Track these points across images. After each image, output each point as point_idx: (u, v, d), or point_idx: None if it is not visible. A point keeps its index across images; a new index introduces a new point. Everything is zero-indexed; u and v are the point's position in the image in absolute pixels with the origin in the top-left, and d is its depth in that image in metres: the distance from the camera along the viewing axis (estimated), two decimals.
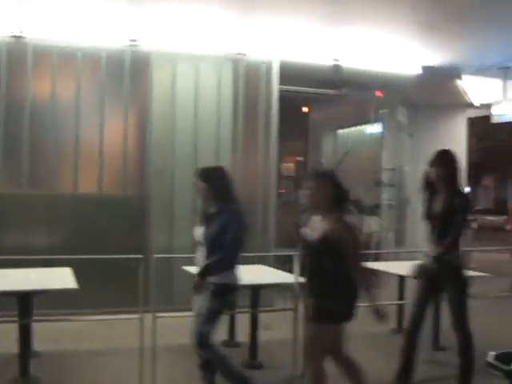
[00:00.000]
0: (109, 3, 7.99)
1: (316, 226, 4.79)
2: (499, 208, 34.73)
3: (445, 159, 5.93)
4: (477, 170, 31.96)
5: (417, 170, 12.63)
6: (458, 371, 5.78)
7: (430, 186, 5.97)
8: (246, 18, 8.69)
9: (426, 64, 10.97)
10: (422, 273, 5.91)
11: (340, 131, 15.70)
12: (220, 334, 7.49)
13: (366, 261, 5.17)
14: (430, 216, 5.93)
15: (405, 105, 12.90)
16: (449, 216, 5.70)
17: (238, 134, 9.95)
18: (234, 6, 8.21)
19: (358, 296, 4.76)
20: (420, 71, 11.05)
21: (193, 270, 7.13)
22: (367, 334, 7.67)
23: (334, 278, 4.70)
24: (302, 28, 9.11)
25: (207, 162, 9.60)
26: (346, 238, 4.65)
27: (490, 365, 4.18)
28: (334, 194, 4.75)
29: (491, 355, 4.24)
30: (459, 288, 5.78)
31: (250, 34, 9.44)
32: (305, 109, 15.61)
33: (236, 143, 9.92)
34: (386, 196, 12.80)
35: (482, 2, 8.08)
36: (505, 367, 4.05)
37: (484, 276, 7.27)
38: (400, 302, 8.53)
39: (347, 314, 4.75)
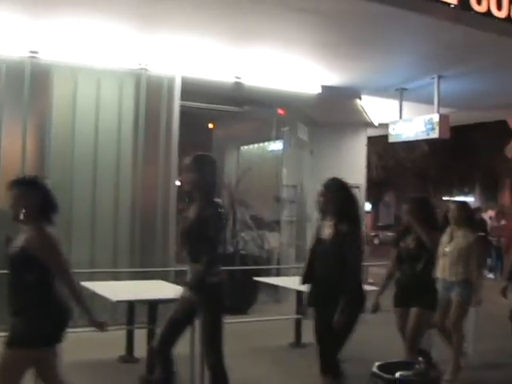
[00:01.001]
0: (8, 15, 7.85)
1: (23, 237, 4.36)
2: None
3: (199, 164, 5.14)
4: (378, 187, 32.72)
5: (317, 186, 12.89)
6: None
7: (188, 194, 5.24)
8: (148, 32, 8.69)
9: (327, 84, 11.20)
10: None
11: (243, 148, 15.83)
12: (119, 349, 7.49)
13: None
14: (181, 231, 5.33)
15: (306, 123, 13.10)
16: (200, 230, 4.96)
17: (139, 148, 9.88)
18: (136, 21, 8.19)
19: (66, 315, 4.33)
20: (320, 90, 11.26)
21: (90, 285, 7.09)
22: (267, 349, 7.76)
23: (34, 295, 4.22)
24: (205, 45, 9.17)
25: (107, 176, 9.55)
26: (44, 250, 4.24)
27: (374, 374, 4.30)
28: (38, 203, 4.38)
29: (375, 365, 4.37)
30: (212, 310, 5.10)
31: (152, 49, 9.44)
32: (210, 125, 15.66)
33: (136, 158, 9.85)
34: (286, 212, 12.96)
35: (381, 27, 8.34)
36: (386, 376, 4.18)
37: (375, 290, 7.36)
38: (298, 317, 8.64)
39: (52, 336, 4.26)
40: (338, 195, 5.47)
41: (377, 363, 4.40)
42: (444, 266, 7.00)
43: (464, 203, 7.78)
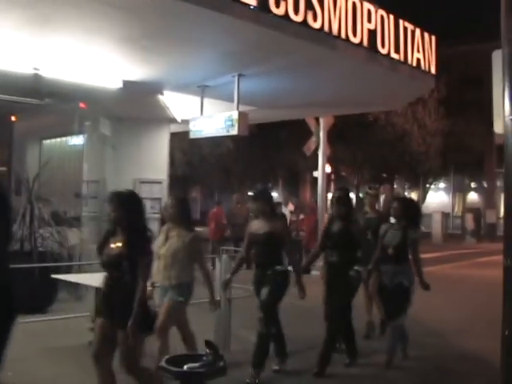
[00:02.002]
0: None
1: None
2: (205, 219, 35.97)
3: None
4: (183, 182, 32.94)
5: (120, 181, 12.79)
6: None
7: None
8: None
9: (129, 78, 11.11)
10: None
11: (45, 142, 15.41)
12: None
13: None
14: None
15: (108, 117, 12.95)
16: None
17: None
18: None
19: None
20: (122, 85, 11.16)
21: None
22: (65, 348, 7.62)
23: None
24: (1, 35, 8.79)
25: None
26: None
27: (162, 368, 4.35)
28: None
29: (163, 359, 4.42)
30: None
31: None
32: (12, 118, 15.09)
33: None
34: (87, 208, 12.77)
35: (181, 23, 8.38)
36: (174, 369, 4.24)
37: None
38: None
39: None
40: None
41: (165, 357, 4.44)
42: (158, 268, 6.74)
43: (182, 198, 7.46)
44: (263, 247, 7.31)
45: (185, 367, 4.19)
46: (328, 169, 20.76)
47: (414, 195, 42.43)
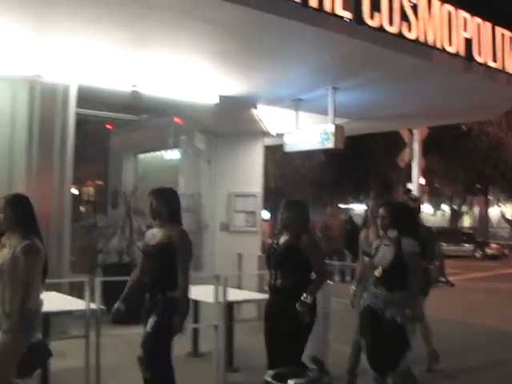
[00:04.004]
0: None
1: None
2: None
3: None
4: (276, 195, 33.05)
5: (215, 195, 12.96)
6: None
7: None
8: (42, 40, 8.50)
9: (224, 93, 11.24)
10: None
11: (140, 156, 15.74)
12: None
13: None
14: None
15: (203, 132, 13.13)
16: None
17: (33, 158, 9.66)
18: (28, 24, 7.97)
19: None
20: (218, 100, 11.30)
21: None
22: None
23: None
24: (101, 52, 9.04)
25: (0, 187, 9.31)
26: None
27: (267, 383, 4.36)
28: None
29: (269, 374, 4.42)
30: None
31: (47, 56, 9.25)
32: (107, 134, 15.50)
33: (31, 167, 9.63)
34: (183, 221, 12.93)
35: (276, 38, 8.45)
36: None
37: None
38: (194, 326, 8.67)
39: None
40: None
41: (270, 371, 4.45)
42: None
43: (12, 197, 5.45)
44: None
45: (290, 382, 4.18)
46: (422, 180, 20.47)
47: (510, 207, 41.35)
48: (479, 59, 10.45)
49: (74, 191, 9.90)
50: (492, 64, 10.72)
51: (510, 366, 8.71)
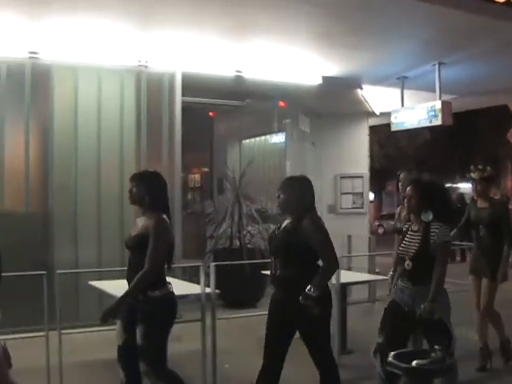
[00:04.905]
0: (7, 16, 7.82)
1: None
2: None
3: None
4: (381, 176, 32.73)
5: (321, 177, 12.89)
6: None
7: None
8: (147, 29, 8.67)
9: (327, 74, 11.16)
10: None
11: (245, 141, 15.81)
12: None
13: None
14: None
15: (307, 114, 13.09)
16: None
17: (142, 145, 9.88)
18: (134, 18, 8.16)
19: None
20: (321, 81, 11.23)
21: (98, 284, 7.10)
22: None
23: None
24: (205, 40, 9.14)
25: (111, 176, 9.54)
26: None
27: (390, 364, 4.28)
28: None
29: (391, 354, 4.34)
30: None
31: (152, 46, 9.41)
32: (211, 120, 15.65)
33: (139, 155, 9.85)
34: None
35: (379, 15, 8.31)
36: (403, 365, 4.16)
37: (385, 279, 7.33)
38: None
39: None
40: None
41: (392, 352, 4.37)
42: None
43: None
44: None
45: (413, 363, 4.11)
46: None
47: None
48: None
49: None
50: None
51: None
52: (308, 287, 4.90)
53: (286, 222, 5.34)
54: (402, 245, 5.46)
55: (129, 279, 5.02)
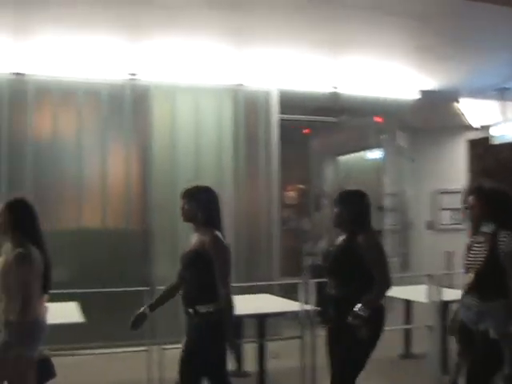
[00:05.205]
0: (108, 39, 8.07)
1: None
2: None
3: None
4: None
5: (419, 193, 12.70)
6: None
7: None
8: (243, 48, 8.78)
9: (424, 88, 11.02)
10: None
11: (341, 158, 15.72)
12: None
13: None
14: None
15: (404, 129, 12.92)
16: None
17: (240, 164, 9.99)
18: (230, 38, 8.29)
19: None
20: (418, 96, 11.10)
21: None
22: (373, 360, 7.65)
23: None
24: (299, 57, 9.17)
25: None
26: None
27: None
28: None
29: (500, 375, 4.19)
30: None
31: (248, 65, 9.52)
32: (307, 136, 15.63)
33: (238, 173, 9.95)
34: (388, 221, 12.79)
35: (475, 25, 8.14)
36: None
37: None
38: (406, 327, 8.51)
39: None
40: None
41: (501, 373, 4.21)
42: None
43: (12, 202, 4.87)
44: None
45: None
46: None
47: None
48: None
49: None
50: None
51: None
52: (357, 306, 4.67)
53: (340, 239, 5.14)
54: (468, 259, 5.00)
55: (186, 296, 4.99)
